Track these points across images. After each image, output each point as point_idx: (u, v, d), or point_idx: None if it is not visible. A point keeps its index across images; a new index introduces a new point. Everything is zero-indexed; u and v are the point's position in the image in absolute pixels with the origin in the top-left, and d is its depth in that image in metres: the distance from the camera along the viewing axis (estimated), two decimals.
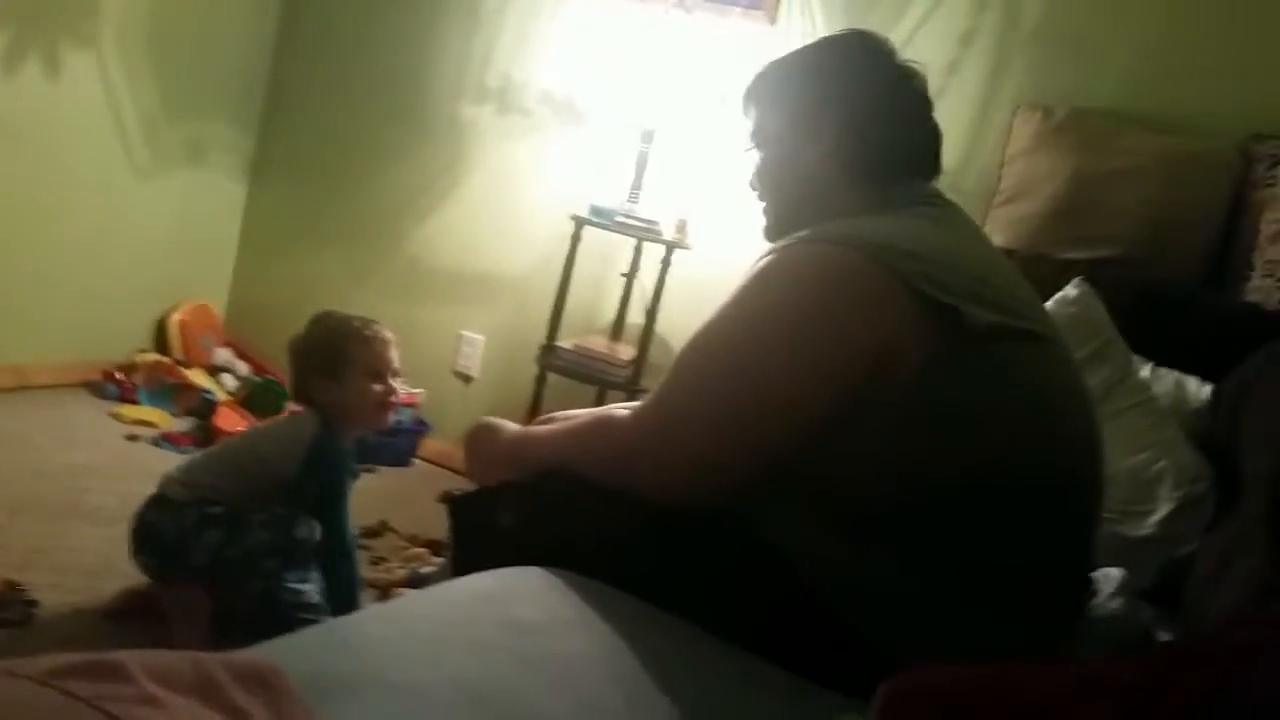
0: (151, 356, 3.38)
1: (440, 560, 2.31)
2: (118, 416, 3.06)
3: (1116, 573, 1.53)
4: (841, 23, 2.81)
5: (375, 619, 1.09)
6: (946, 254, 1.22)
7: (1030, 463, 1.18)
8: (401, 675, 0.88)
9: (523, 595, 1.09)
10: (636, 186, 2.94)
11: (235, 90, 3.59)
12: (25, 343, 3.13)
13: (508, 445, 1.45)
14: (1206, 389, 1.93)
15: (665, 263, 2.91)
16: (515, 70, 3.30)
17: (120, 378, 3.26)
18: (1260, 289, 2.18)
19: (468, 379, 3.43)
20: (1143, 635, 1.45)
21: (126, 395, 3.22)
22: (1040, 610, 1.18)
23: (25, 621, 1.85)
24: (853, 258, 1.18)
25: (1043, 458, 1.19)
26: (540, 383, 2.99)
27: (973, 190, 2.60)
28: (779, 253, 1.26)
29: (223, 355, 3.51)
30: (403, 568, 2.42)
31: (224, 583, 1.93)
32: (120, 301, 3.39)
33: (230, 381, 3.40)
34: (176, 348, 3.45)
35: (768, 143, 1.46)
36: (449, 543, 1.43)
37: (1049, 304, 1.98)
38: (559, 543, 1.21)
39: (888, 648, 1.05)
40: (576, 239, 2.96)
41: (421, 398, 3.34)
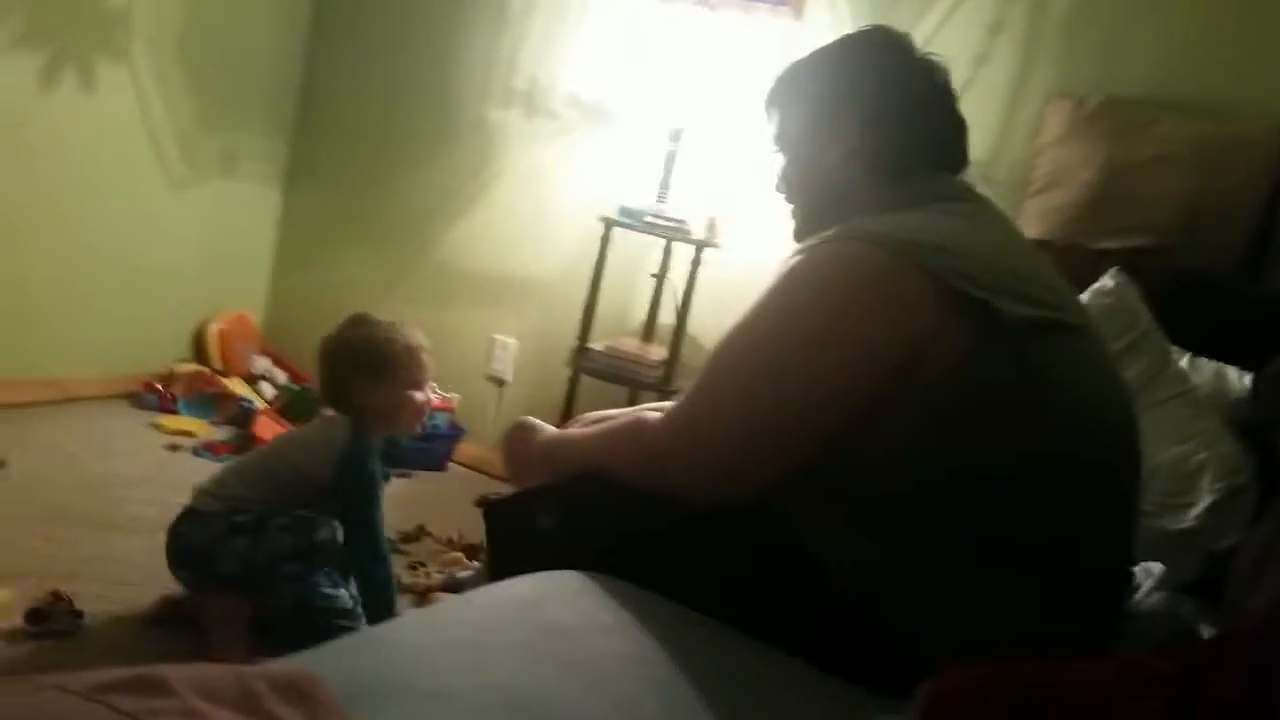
0: (191, 367, 3.42)
1: (477, 565, 2.32)
2: (158, 427, 3.10)
3: (1157, 567, 1.51)
4: (869, 16, 2.80)
5: (412, 625, 1.10)
6: (976, 248, 1.21)
7: (1067, 456, 1.16)
8: (439, 681, 0.88)
9: (559, 599, 1.09)
10: (665, 186, 2.94)
11: (267, 99, 3.62)
12: (65, 356, 3.17)
13: (542, 448, 1.46)
14: (1247, 379, 1.90)
15: (695, 262, 2.91)
16: (542, 73, 3.31)
17: (160, 388, 3.30)
18: None
19: (501, 383, 3.45)
20: (1184, 630, 1.43)
21: (166, 406, 3.26)
22: (1080, 606, 1.17)
23: (72, 632, 1.88)
24: (879, 256, 1.17)
25: (1079, 451, 1.17)
26: (573, 385, 2.99)
27: (1005, 181, 2.58)
28: (806, 252, 1.25)
29: (261, 364, 3.55)
30: (440, 572, 2.43)
31: (255, 590, 1.94)
32: (159, 313, 3.43)
33: (268, 390, 3.44)
34: (215, 357, 3.49)
35: (792, 145, 1.45)
36: (485, 547, 1.43)
37: (1085, 295, 1.96)
38: (595, 546, 1.21)
39: (920, 647, 1.04)
40: (606, 240, 2.96)
41: (456, 403, 3.36)
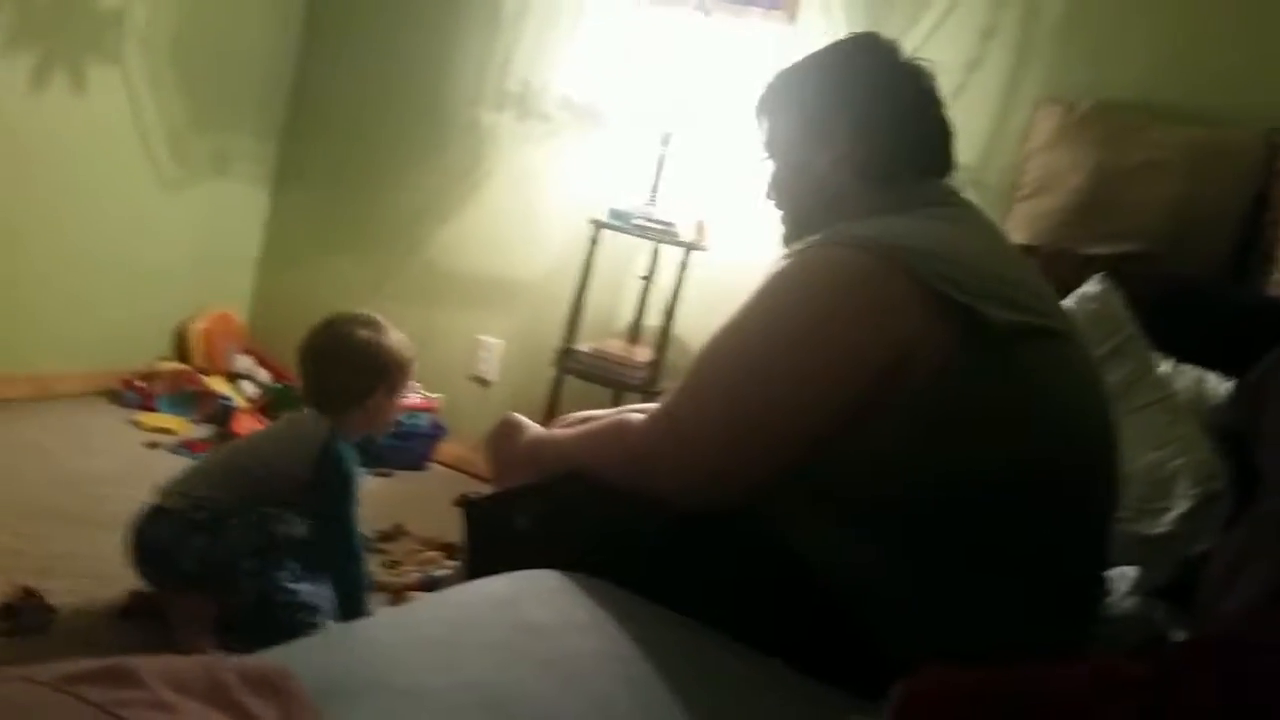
0: (172, 364, 3.40)
1: (455, 564, 2.31)
2: (138, 424, 3.08)
3: (1131, 571, 1.51)
4: (862, 20, 2.81)
5: (386, 623, 1.09)
6: (962, 253, 1.22)
7: (1049, 462, 1.17)
8: (413, 679, 0.87)
9: (536, 598, 1.08)
10: (655, 189, 2.93)
11: (258, 100, 3.60)
12: (46, 352, 3.15)
13: (527, 448, 1.46)
14: (1227, 385, 1.90)
15: (683, 265, 2.91)
16: (534, 75, 3.30)
17: (140, 386, 3.28)
18: None
19: (485, 383, 3.44)
20: (1157, 635, 1.43)
21: (147, 403, 3.24)
22: (1057, 609, 1.17)
23: (44, 628, 1.86)
24: (866, 261, 1.18)
25: (1061, 457, 1.18)
26: (558, 386, 2.98)
27: (995, 186, 2.59)
28: (794, 256, 1.26)
29: (244, 363, 3.53)
30: (417, 571, 2.42)
31: (216, 587, 1.92)
32: (144, 311, 3.40)
33: (250, 389, 3.42)
34: (198, 356, 3.47)
35: (782, 151, 1.46)
36: (463, 546, 1.43)
37: (1070, 300, 1.97)
38: (573, 546, 1.21)
39: (904, 650, 1.03)
40: (595, 242, 2.96)
41: (439, 402, 3.34)
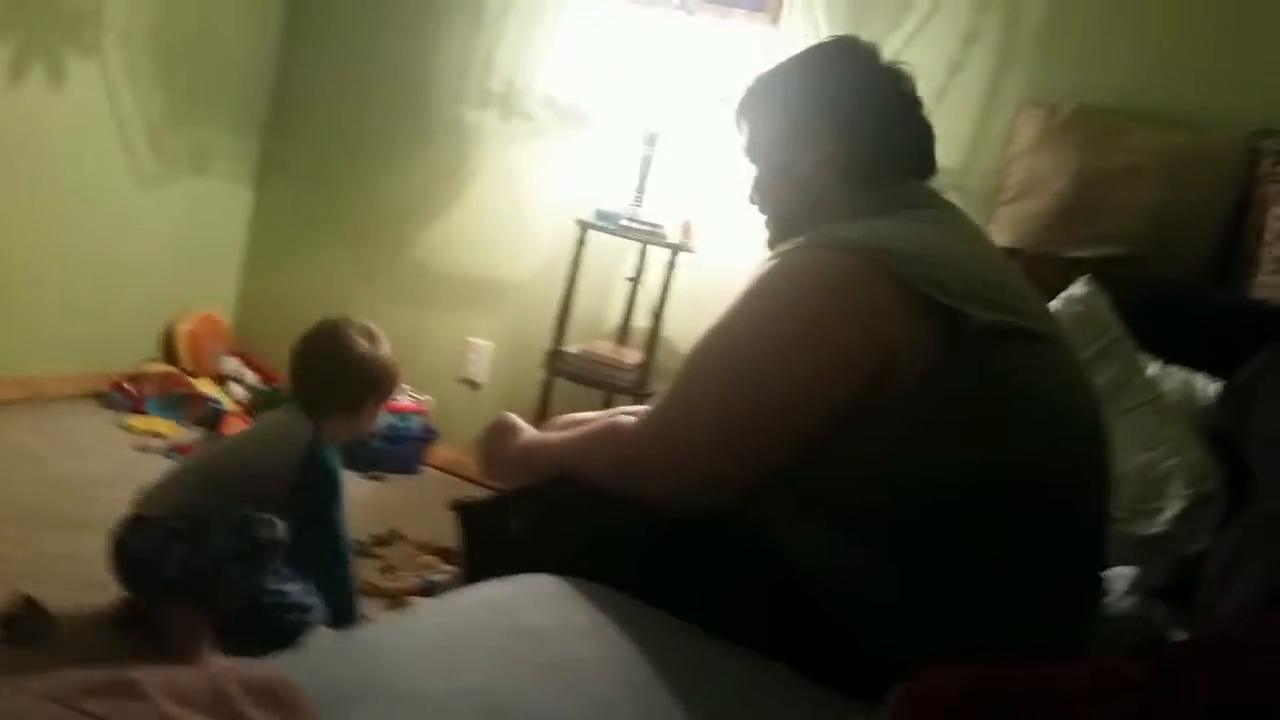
0: (160, 367, 3.38)
1: (451, 568, 2.31)
2: (128, 427, 3.06)
3: (1129, 572, 1.52)
4: (845, 23, 2.82)
5: (385, 629, 1.10)
6: (945, 254, 1.23)
7: (1031, 464, 1.17)
8: (413, 685, 0.88)
9: (533, 602, 1.09)
10: (641, 190, 2.94)
11: (239, 96, 3.58)
12: (33, 354, 3.13)
13: (520, 451, 1.46)
14: (1214, 386, 1.92)
15: (670, 266, 2.92)
16: (518, 75, 3.30)
17: (129, 388, 3.26)
18: (1267, 285, 2.17)
19: (475, 385, 3.43)
20: (1154, 635, 1.45)
21: (136, 406, 3.22)
22: (1052, 611, 1.18)
23: (46, 639, 1.85)
24: (850, 263, 1.18)
25: (1049, 457, 1.19)
26: (547, 388, 2.98)
27: (978, 189, 2.60)
28: (779, 258, 1.26)
29: (231, 364, 3.52)
30: (414, 576, 2.42)
31: (202, 595, 1.86)
32: (128, 312, 3.39)
33: (238, 391, 3.41)
34: (185, 358, 3.45)
35: (764, 155, 1.46)
36: (459, 550, 1.43)
37: (1055, 303, 1.98)
38: (569, 549, 1.21)
39: (894, 652, 1.04)
40: (581, 243, 2.96)
41: (429, 405, 3.34)
